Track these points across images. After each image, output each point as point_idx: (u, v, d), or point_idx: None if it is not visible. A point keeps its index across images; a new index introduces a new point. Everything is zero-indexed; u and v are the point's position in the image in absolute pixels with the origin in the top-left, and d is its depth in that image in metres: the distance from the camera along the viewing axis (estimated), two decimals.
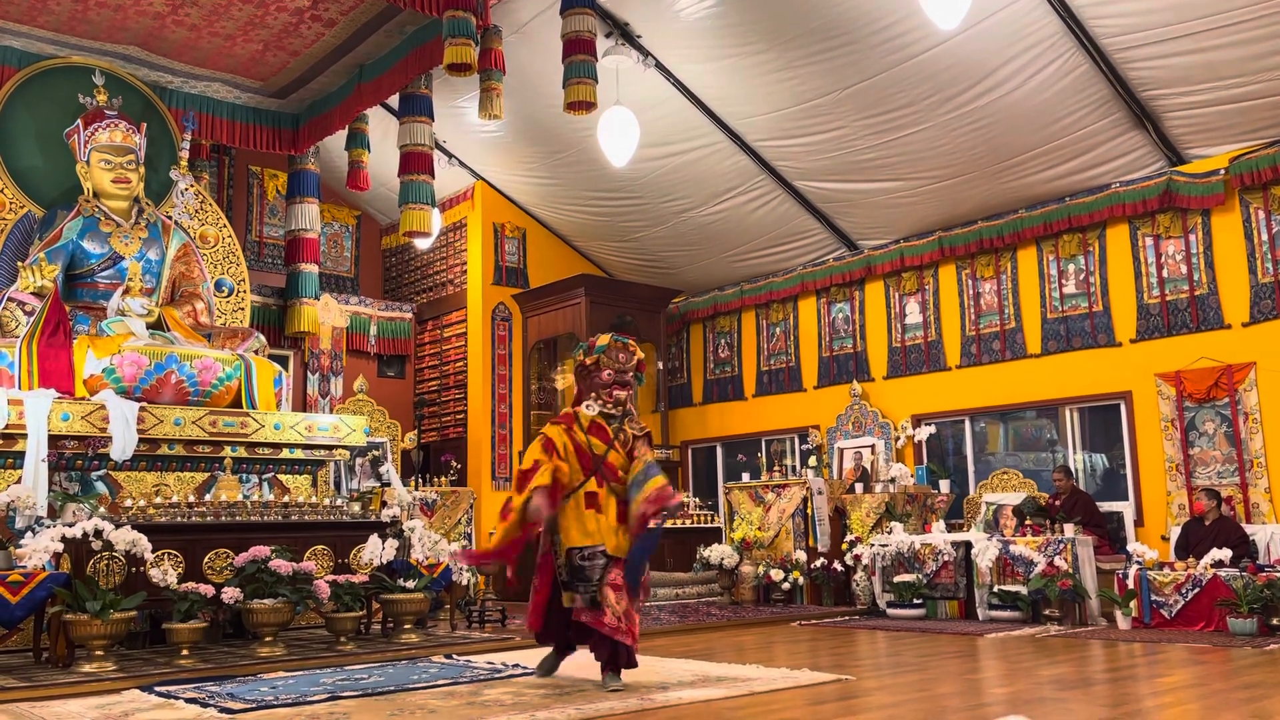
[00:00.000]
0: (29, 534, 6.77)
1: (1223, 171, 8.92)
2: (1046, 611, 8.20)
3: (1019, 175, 9.82)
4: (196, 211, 10.26)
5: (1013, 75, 8.70)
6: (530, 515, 5.18)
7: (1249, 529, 8.33)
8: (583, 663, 6.01)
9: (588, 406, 5.54)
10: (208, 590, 6.54)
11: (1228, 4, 7.63)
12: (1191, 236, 9.20)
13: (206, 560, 7.09)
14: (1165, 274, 9.35)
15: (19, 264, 8.90)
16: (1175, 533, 8.66)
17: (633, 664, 5.28)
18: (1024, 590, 8.36)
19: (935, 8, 7.32)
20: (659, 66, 9.85)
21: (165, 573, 6.49)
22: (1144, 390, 9.37)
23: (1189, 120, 8.82)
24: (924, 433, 10.85)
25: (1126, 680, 5.56)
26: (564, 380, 13.20)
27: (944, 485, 10.36)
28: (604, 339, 5.57)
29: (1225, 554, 7.67)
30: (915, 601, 8.99)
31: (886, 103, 9.33)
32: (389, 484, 9.88)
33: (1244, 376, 8.74)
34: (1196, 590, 7.61)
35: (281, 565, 6.71)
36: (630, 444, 5.50)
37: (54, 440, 7.59)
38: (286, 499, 7.78)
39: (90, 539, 6.37)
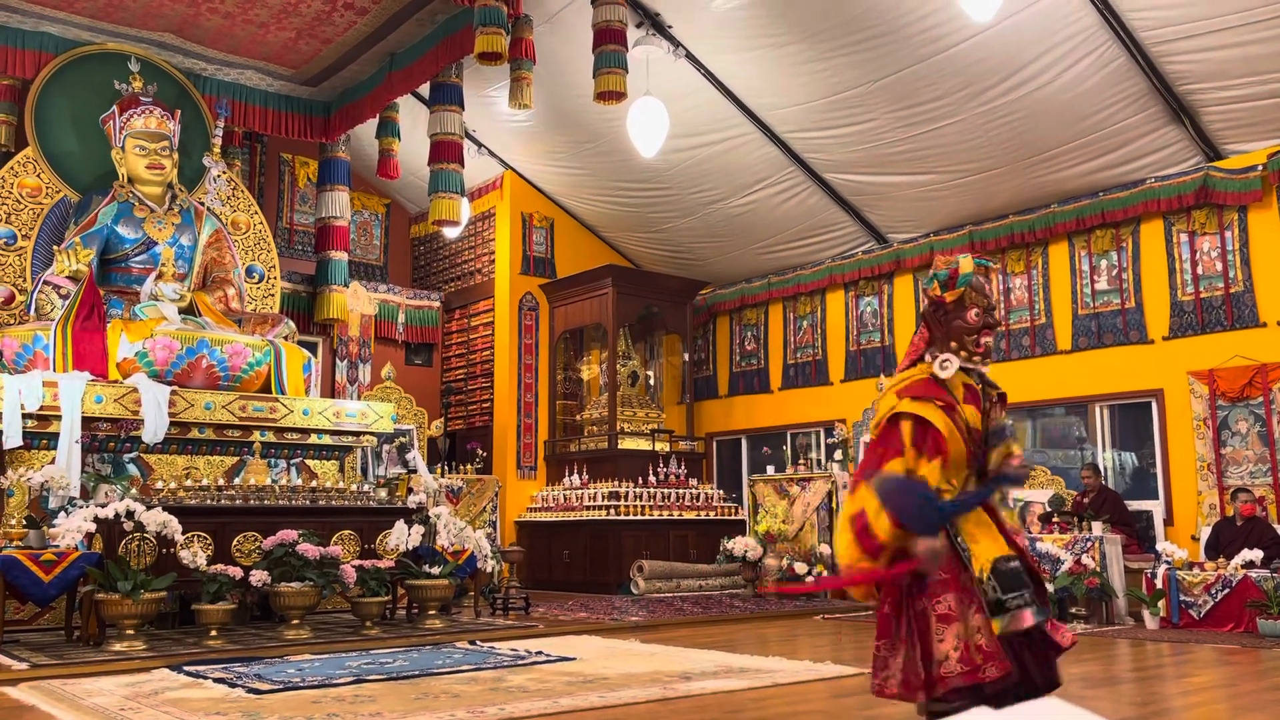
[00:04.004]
0: (62, 514, 6.88)
1: (1261, 167, 8.78)
2: (1073, 610, 8.13)
3: (1052, 169, 9.71)
4: (228, 198, 10.35)
5: (1048, 68, 8.60)
6: (925, 567, 3.39)
7: None
8: (600, 649, 6.03)
9: (944, 364, 3.73)
10: (236, 572, 6.62)
11: None
12: (1228, 233, 9.07)
13: (235, 543, 7.17)
14: (1200, 271, 9.23)
15: (54, 248, 9.02)
16: (1205, 533, 8.55)
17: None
18: (1050, 588, 8.30)
19: None
20: (689, 57, 9.82)
21: (195, 554, 6.57)
22: (1176, 388, 9.26)
23: (1227, 115, 8.69)
24: None
25: (1154, 680, 5.50)
26: (589, 370, 13.25)
27: None
28: (966, 264, 3.81)
29: (1256, 555, 7.57)
30: None
31: (919, 95, 9.25)
32: (415, 471, 9.95)
33: (1279, 376, 8.61)
34: (1226, 591, 7.52)
35: (309, 549, 6.77)
36: (992, 407, 3.76)
37: (87, 422, 7.70)
38: (314, 484, 7.84)
39: (122, 520, 6.46)
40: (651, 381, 13.20)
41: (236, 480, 7.83)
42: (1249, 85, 8.28)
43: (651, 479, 11.53)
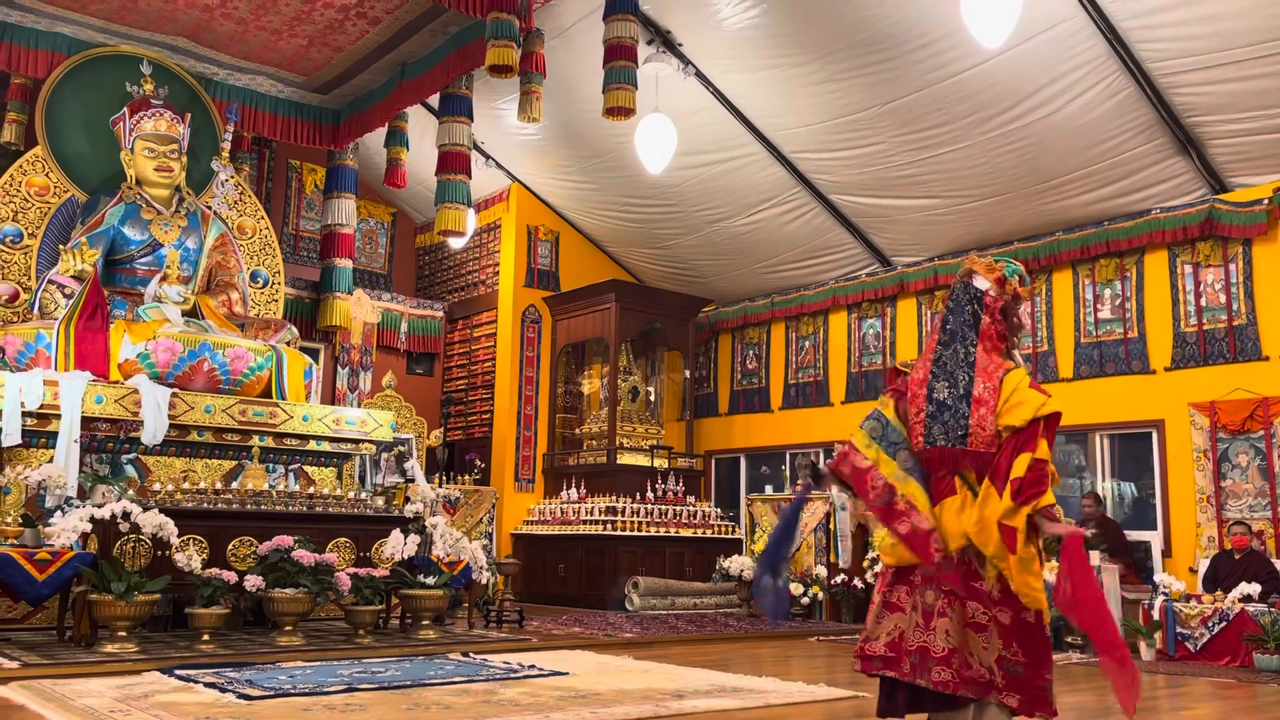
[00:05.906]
0: (58, 513, 6.87)
1: (1266, 201, 8.80)
2: (1068, 639, 8.10)
3: (1057, 197, 9.73)
4: (235, 202, 10.39)
5: (1055, 96, 8.63)
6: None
7: (1279, 564, 8.20)
8: (593, 665, 5.99)
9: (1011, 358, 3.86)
10: (230, 577, 6.60)
11: (1276, 33, 7.54)
12: (1232, 266, 9.08)
13: (230, 547, 7.16)
14: (1203, 303, 9.23)
15: (60, 247, 9.04)
16: (1204, 565, 8.53)
17: None
18: (1047, 616, 8.25)
19: (979, 26, 7.28)
20: (699, 75, 9.85)
21: (190, 558, 6.56)
22: (1177, 420, 9.25)
23: (1233, 148, 8.71)
24: None
25: (1148, 712, 5.47)
26: (589, 384, 13.23)
27: None
28: (1021, 268, 3.88)
29: (1254, 588, 7.55)
30: None
31: (926, 120, 9.28)
32: (413, 480, 9.94)
33: None
34: (1223, 624, 7.49)
35: (304, 556, 6.76)
36: None
37: (87, 422, 7.70)
38: (311, 490, 7.84)
39: (118, 521, 6.45)
40: (652, 397, 13.20)
41: (234, 484, 7.82)
42: (1256, 119, 8.30)
43: (649, 495, 11.51)
